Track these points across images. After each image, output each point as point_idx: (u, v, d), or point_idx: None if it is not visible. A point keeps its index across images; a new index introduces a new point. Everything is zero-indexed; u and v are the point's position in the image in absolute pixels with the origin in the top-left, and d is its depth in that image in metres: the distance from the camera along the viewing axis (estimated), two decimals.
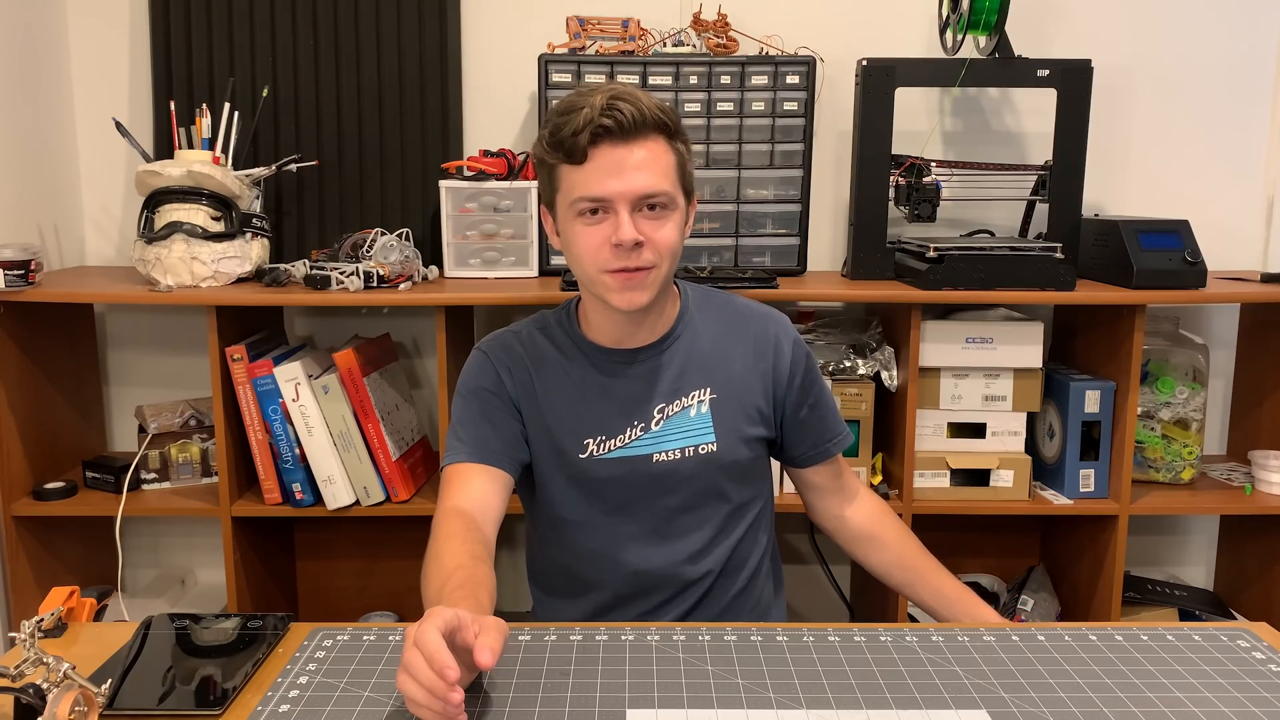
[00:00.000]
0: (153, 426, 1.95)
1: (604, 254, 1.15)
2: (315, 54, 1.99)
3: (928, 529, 1.92)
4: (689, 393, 1.26)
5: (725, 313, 1.32)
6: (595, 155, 1.13)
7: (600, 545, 1.28)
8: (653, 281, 1.17)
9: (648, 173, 1.14)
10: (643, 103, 1.13)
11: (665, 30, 1.99)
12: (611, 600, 1.29)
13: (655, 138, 1.15)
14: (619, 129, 1.12)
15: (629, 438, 1.25)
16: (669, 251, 1.17)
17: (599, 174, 1.13)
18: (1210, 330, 2.14)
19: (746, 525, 1.32)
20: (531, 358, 1.28)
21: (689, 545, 1.27)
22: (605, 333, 1.27)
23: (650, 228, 1.15)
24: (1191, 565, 2.25)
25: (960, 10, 1.85)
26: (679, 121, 1.18)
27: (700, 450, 1.25)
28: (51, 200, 2.00)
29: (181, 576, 2.19)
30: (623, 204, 1.13)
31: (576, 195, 1.15)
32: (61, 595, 1.06)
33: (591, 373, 1.27)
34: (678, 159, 1.18)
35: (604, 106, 1.11)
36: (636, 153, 1.13)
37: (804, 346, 1.33)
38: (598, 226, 1.15)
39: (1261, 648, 1.00)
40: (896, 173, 1.90)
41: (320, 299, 1.74)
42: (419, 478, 1.90)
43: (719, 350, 1.29)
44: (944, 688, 0.92)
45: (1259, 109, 2.09)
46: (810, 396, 1.33)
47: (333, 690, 0.91)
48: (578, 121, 1.12)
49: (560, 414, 1.26)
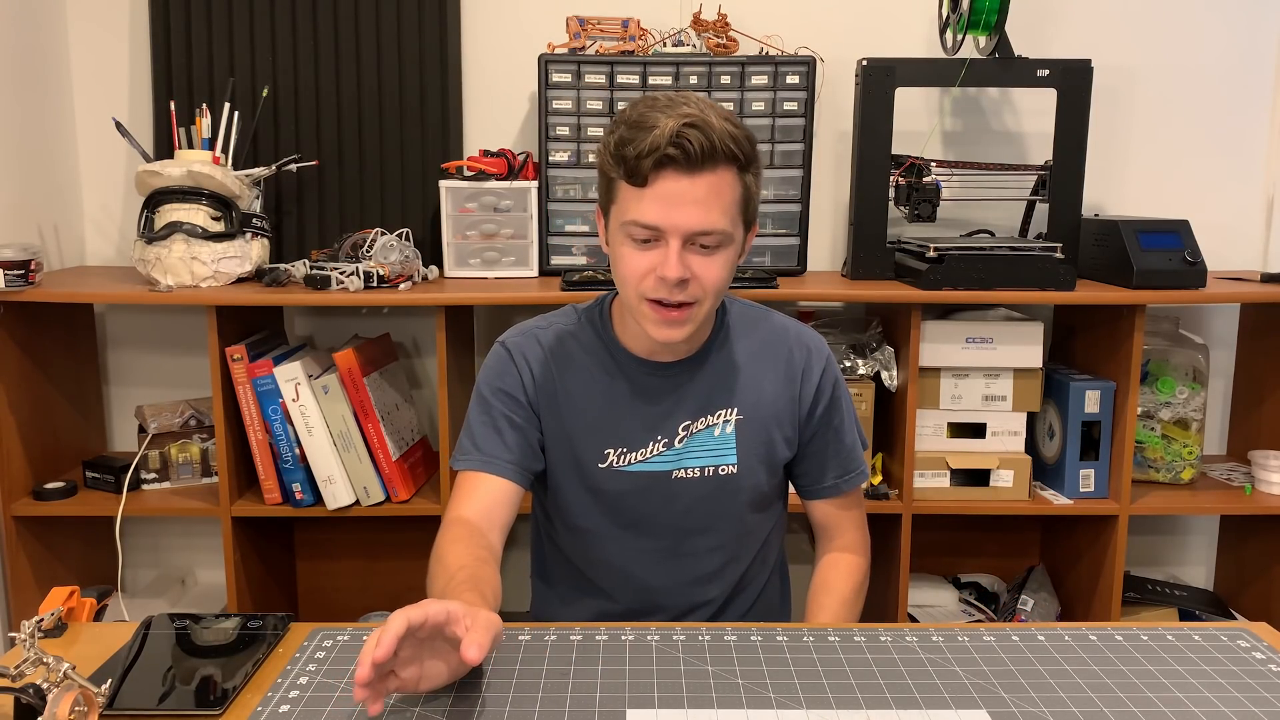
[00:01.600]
0: (153, 426, 1.95)
1: (648, 282, 1.10)
2: (315, 54, 1.99)
3: (928, 529, 1.93)
4: (715, 412, 1.23)
5: (761, 331, 1.27)
6: (656, 182, 1.07)
7: (610, 557, 1.26)
8: (692, 319, 1.13)
9: (706, 210, 1.08)
10: (715, 132, 1.06)
11: (665, 30, 1.99)
12: (619, 612, 1.28)
13: (723, 170, 1.08)
14: (685, 159, 1.06)
15: (650, 452, 1.22)
16: (714, 289, 1.12)
17: (656, 203, 1.07)
18: (1210, 330, 2.14)
19: (757, 548, 1.30)
20: (556, 359, 1.24)
21: (700, 567, 1.26)
22: (640, 342, 1.22)
23: (699, 265, 1.10)
24: (1191, 565, 2.25)
25: (960, 10, 1.85)
26: (753, 149, 1.12)
27: (720, 471, 1.23)
28: (51, 200, 2.00)
29: (181, 576, 2.19)
30: (675, 237, 1.08)
31: (630, 218, 1.09)
32: (61, 595, 1.06)
33: (620, 381, 1.23)
34: (743, 192, 1.12)
35: (673, 133, 1.04)
36: (699, 186, 1.07)
37: (835, 374, 1.28)
38: (646, 254, 1.10)
39: (1261, 648, 1.00)
40: (896, 173, 1.90)
41: (320, 299, 1.74)
42: (419, 478, 1.90)
43: (750, 371, 1.24)
44: (944, 688, 0.92)
45: (1259, 109, 2.09)
46: (824, 431, 1.27)
47: (333, 690, 0.91)
48: (644, 144, 1.05)
49: (582, 421, 1.22)
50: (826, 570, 1.30)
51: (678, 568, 1.26)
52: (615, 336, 1.24)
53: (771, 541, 1.33)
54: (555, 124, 1.90)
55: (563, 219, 1.93)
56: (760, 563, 1.31)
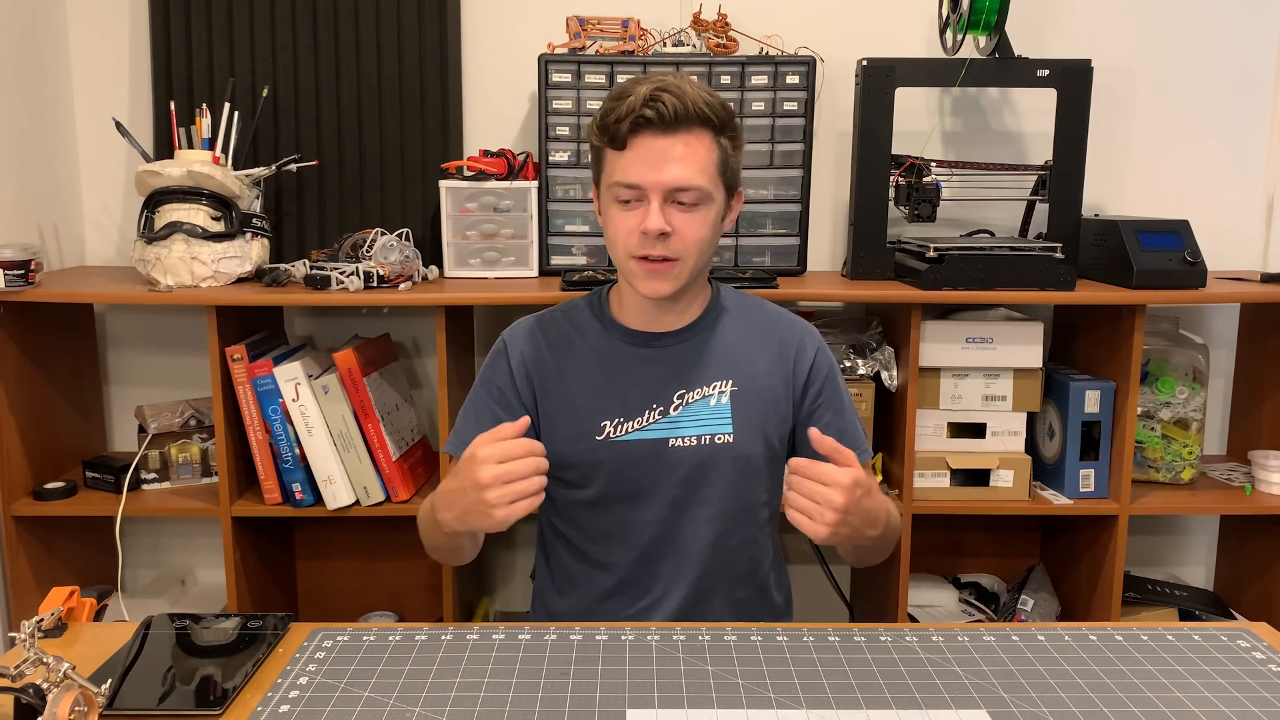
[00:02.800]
0: (153, 426, 1.95)
1: (633, 240, 1.18)
2: (315, 54, 1.99)
3: (928, 529, 1.93)
4: (710, 382, 1.28)
5: (755, 315, 1.34)
6: (635, 144, 1.17)
7: (610, 528, 1.29)
8: (678, 274, 1.20)
9: (683, 166, 1.16)
10: (688, 96, 1.15)
11: (665, 30, 1.99)
12: (616, 585, 1.29)
13: (698, 131, 1.17)
14: (659, 120, 1.15)
15: (646, 420, 1.26)
16: (696, 246, 1.19)
17: (636, 163, 1.17)
18: (1210, 330, 2.14)
19: (755, 527, 1.31)
20: (553, 344, 1.31)
21: (698, 538, 1.27)
22: (634, 316, 1.30)
23: (680, 221, 1.18)
24: (1191, 565, 2.25)
25: (960, 10, 1.85)
26: (727, 116, 1.20)
27: (716, 440, 1.26)
28: (51, 200, 2.00)
29: (181, 576, 2.19)
30: (655, 194, 1.17)
31: (614, 180, 1.19)
32: (61, 595, 1.06)
33: (614, 351, 1.29)
34: (720, 154, 1.20)
35: (647, 96, 1.14)
36: (676, 145, 1.16)
37: (829, 358, 1.33)
38: (631, 213, 1.19)
39: (1261, 648, 1.00)
40: (896, 173, 1.90)
41: (320, 299, 1.74)
42: (419, 478, 1.90)
43: (744, 347, 1.30)
44: (944, 688, 0.92)
45: (1259, 109, 2.09)
46: (824, 408, 1.30)
47: (333, 690, 0.91)
48: (622, 109, 1.16)
49: (580, 396, 1.28)
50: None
51: (676, 538, 1.28)
52: (612, 314, 1.31)
53: (768, 522, 1.34)
54: (555, 124, 1.90)
55: (563, 219, 1.93)
56: (756, 543, 1.32)
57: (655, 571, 1.28)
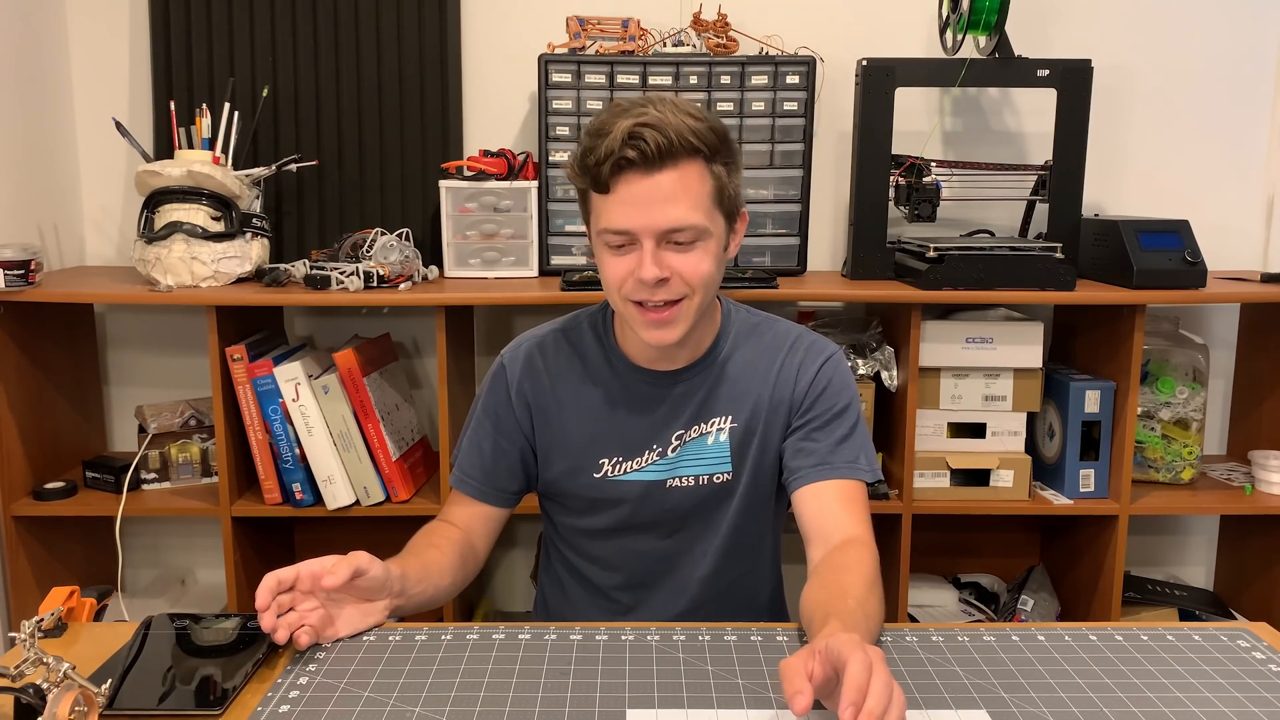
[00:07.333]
0: (153, 426, 1.95)
1: (629, 285, 1.11)
2: (315, 54, 1.99)
3: (928, 529, 1.93)
4: (710, 420, 1.22)
5: (763, 339, 1.25)
6: (619, 186, 1.07)
7: (608, 557, 1.27)
8: (684, 315, 1.12)
9: (674, 206, 1.07)
10: (670, 127, 1.04)
11: (665, 30, 1.99)
12: (612, 608, 1.28)
13: (687, 163, 1.07)
14: (642, 159, 1.05)
15: (645, 461, 1.22)
16: (700, 283, 1.11)
17: (622, 206, 1.07)
18: (1210, 330, 2.14)
19: (755, 556, 1.29)
20: (552, 371, 1.24)
21: (696, 570, 1.26)
22: (639, 352, 1.22)
23: (678, 262, 1.09)
24: (1191, 565, 2.25)
25: (960, 10, 1.85)
26: (718, 139, 1.09)
27: (715, 479, 1.22)
28: (51, 200, 2.00)
29: (181, 576, 2.19)
30: (647, 237, 1.08)
31: (602, 226, 1.10)
32: (61, 595, 1.06)
33: (615, 390, 1.23)
34: (714, 183, 1.10)
35: (625, 136, 1.04)
36: (663, 184, 1.06)
37: (831, 375, 1.22)
38: (624, 258, 1.10)
39: (1261, 648, 1.00)
40: (896, 173, 1.90)
41: (320, 299, 1.74)
42: (419, 478, 1.90)
43: (747, 377, 1.23)
44: (944, 688, 0.92)
45: (1259, 109, 2.09)
46: (809, 426, 1.20)
47: (333, 690, 0.91)
48: (601, 150, 1.06)
49: (579, 431, 1.23)
50: (831, 561, 1.11)
51: (674, 569, 1.26)
52: (616, 343, 1.24)
53: (768, 550, 1.32)
54: (555, 124, 1.90)
55: (563, 219, 1.93)
56: (755, 573, 1.31)
57: (650, 600, 1.27)
